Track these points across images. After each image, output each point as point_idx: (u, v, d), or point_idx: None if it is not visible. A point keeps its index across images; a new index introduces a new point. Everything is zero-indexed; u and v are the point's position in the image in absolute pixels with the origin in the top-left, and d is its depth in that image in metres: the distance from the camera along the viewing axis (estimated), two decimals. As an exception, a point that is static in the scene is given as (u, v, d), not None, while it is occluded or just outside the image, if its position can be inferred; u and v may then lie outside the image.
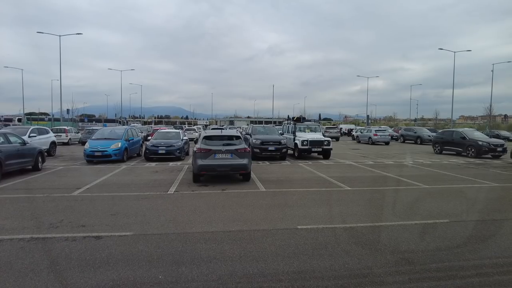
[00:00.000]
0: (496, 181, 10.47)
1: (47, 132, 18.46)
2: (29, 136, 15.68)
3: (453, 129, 23.05)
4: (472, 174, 12.07)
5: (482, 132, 23.95)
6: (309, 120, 21.15)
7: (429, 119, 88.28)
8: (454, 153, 19.67)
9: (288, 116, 23.49)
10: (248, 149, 10.16)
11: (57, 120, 49.25)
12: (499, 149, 17.76)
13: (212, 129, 26.77)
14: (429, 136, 29.22)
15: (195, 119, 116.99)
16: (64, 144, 25.51)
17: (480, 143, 18.01)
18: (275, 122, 62.76)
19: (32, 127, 18.28)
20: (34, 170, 11.76)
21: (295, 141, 16.76)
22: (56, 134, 22.93)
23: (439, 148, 20.64)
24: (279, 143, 15.94)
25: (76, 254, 4.32)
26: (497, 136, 31.02)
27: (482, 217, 6.40)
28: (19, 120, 51.32)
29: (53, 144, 18.05)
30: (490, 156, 17.96)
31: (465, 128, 23.45)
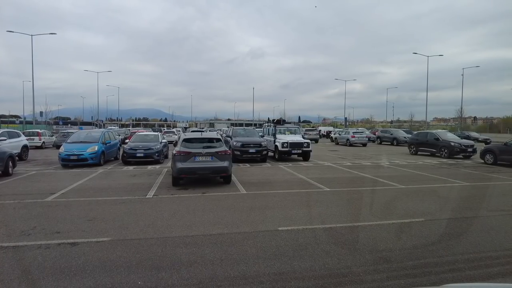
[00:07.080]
0: (467, 181, 10.93)
1: (18, 136, 17.72)
2: (-2, 140, 14.98)
3: (428, 131, 23.87)
4: (445, 174, 12.54)
5: (454, 134, 24.93)
6: (289, 123, 21.34)
7: (405, 121, 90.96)
8: (429, 153, 20.36)
9: (269, 118, 23.69)
10: (229, 151, 10.13)
11: (30, 123, 47.29)
12: (469, 149, 18.54)
13: (192, 131, 26.47)
14: (404, 137, 30.09)
15: (174, 121, 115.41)
16: (37, 147, 24.56)
17: (452, 144, 18.73)
18: (255, 125, 62.88)
19: (1, 130, 17.55)
20: (4, 176, 11.22)
21: (276, 143, 16.87)
22: (29, 137, 22.08)
23: (414, 149, 21.30)
24: (260, 145, 15.98)
25: (50, 262, 4.16)
26: (468, 137, 32.31)
27: (454, 215, 6.67)
28: (-13, 123, 48.97)
29: (25, 148, 17.34)
30: (461, 156, 18.71)
31: (439, 130, 24.25)
